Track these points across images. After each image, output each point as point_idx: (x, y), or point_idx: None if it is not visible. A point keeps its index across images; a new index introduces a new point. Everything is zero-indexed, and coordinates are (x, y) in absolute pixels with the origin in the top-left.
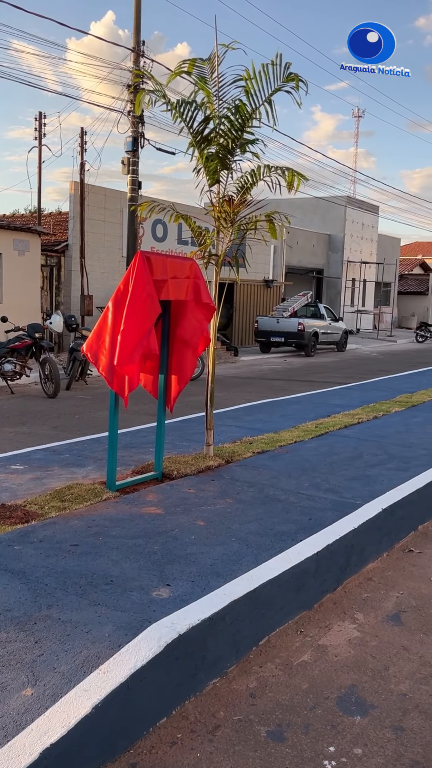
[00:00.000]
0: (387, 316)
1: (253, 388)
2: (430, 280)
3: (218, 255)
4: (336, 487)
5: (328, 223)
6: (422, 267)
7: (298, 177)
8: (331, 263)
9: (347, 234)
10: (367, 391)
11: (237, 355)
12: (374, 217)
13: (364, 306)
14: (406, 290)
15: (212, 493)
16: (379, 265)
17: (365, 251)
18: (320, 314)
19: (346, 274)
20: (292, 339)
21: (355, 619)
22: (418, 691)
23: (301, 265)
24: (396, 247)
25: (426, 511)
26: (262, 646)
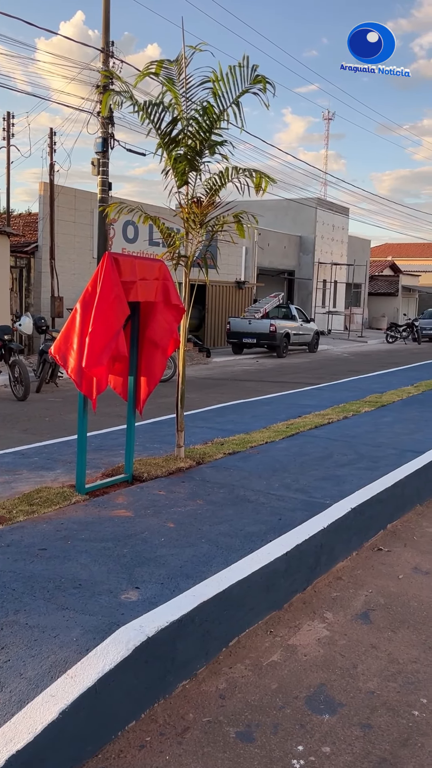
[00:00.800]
0: (358, 317)
1: (225, 390)
2: (399, 282)
3: (188, 256)
4: (306, 487)
5: (299, 224)
6: (392, 268)
7: (265, 179)
8: (303, 265)
9: (318, 235)
10: (338, 391)
11: (209, 356)
12: (344, 218)
13: (335, 307)
14: (376, 291)
15: (183, 494)
16: (350, 267)
17: (336, 253)
18: (292, 315)
19: (317, 275)
20: (264, 340)
21: (324, 618)
22: (386, 688)
23: (272, 267)
24: (366, 249)
25: (395, 510)
26: (232, 647)
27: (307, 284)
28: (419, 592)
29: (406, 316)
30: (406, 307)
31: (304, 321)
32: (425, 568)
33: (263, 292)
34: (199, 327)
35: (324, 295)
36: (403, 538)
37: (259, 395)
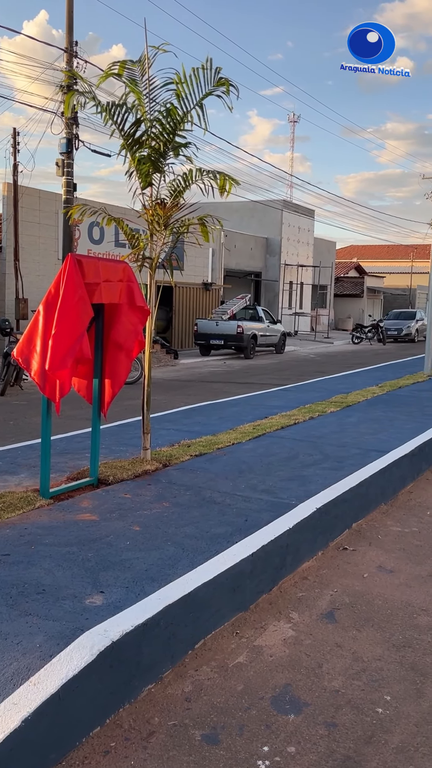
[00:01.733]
0: (324, 318)
1: (192, 391)
2: (365, 283)
3: (152, 258)
4: (272, 487)
5: (265, 226)
6: (357, 270)
7: (229, 181)
8: (269, 266)
9: (284, 237)
10: (304, 392)
11: (177, 358)
12: (310, 220)
13: (302, 308)
14: (342, 293)
15: (149, 497)
16: (316, 268)
17: (302, 254)
18: (259, 317)
19: (283, 276)
20: (232, 341)
21: (290, 618)
22: (351, 686)
23: (239, 268)
24: (332, 251)
25: (359, 509)
26: (198, 650)
27: (273, 286)
28: (384, 591)
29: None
30: (372, 308)
31: (271, 322)
32: (390, 566)
33: (230, 293)
34: (166, 328)
35: (290, 297)
36: (368, 537)
37: (227, 396)
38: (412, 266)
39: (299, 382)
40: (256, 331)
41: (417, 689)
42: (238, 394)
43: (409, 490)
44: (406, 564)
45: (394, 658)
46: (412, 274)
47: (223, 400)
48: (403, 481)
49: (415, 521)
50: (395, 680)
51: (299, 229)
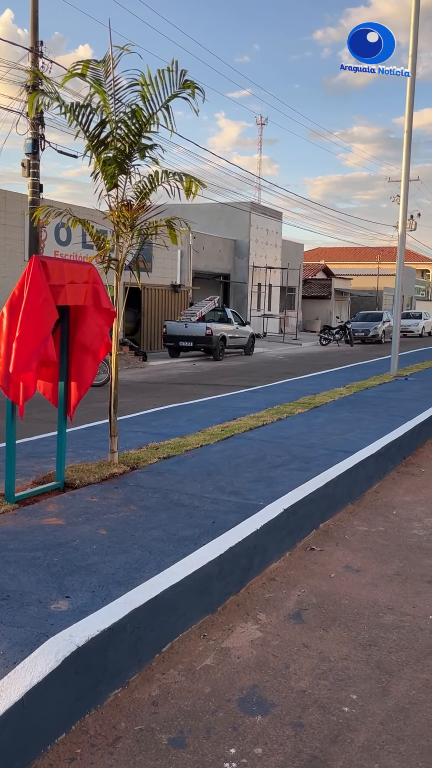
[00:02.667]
0: (292, 320)
1: (161, 393)
2: (332, 285)
3: (118, 260)
4: (240, 489)
5: (233, 228)
6: (325, 272)
7: (195, 183)
8: (238, 268)
9: (252, 239)
10: (273, 393)
11: (146, 360)
12: (278, 223)
13: (270, 310)
14: (310, 294)
15: (116, 500)
16: (284, 270)
17: (270, 256)
18: (228, 319)
19: (252, 278)
20: (201, 343)
21: (257, 619)
22: (317, 686)
23: (208, 270)
24: (299, 253)
25: (327, 509)
26: (165, 653)
27: (242, 287)
28: (350, 590)
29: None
30: (339, 310)
31: (240, 324)
32: (356, 566)
33: (199, 295)
34: (135, 330)
35: (259, 299)
36: (335, 537)
37: (195, 398)
38: (378, 268)
39: (268, 384)
40: (225, 333)
41: (382, 687)
42: (207, 396)
43: (375, 490)
44: (373, 563)
45: (360, 657)
46: (379, 276)
47: (192, 402)
48: (370, 481)
49: (382, 521)
50: (361, 679)
51: (267, 231)
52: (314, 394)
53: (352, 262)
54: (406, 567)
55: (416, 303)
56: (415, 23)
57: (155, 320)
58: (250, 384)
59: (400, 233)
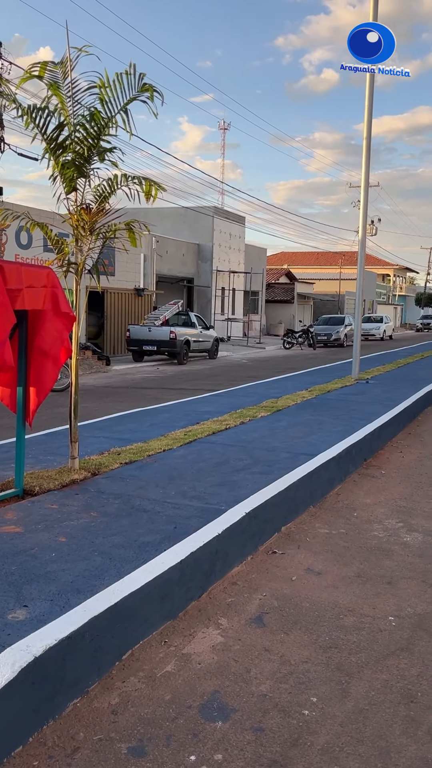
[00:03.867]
0: (256, 324)
1: (124, 398)
2: (295, 289)
3: (77, 264)
4: (202, 493)
5: (196, 232)
6: (288, 276)
7: (155, 187)
8: (201, 272)
9: (216, 244)
10: (236, 397)
11: (109, 364)
12: (241, 227)
13: (234, 314)
14: (273, 299)
15: (76, 507)
16: (247, 275)
17: (233, 261)
18: (191, 322)
19: (215, 282)
20: (165, 347)
21: (219, 624)
22: (278, 690)
23: (171, 274)
24: (263, 257)
25: (288, 512)
26: (126, 661)
27: (206, 291)
28: (311, 593)
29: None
30: (302, 314)
31: (204, 328)
32: (317, 568)
33: (163, 299)
34: (98, 334)
35: (223, 303)
36: (296, 539)
37: (159, 403)
38: (340, 273)
39: (231, 387)
40: (189, 337)
41: (342, 689)
42: (171, 400)
43: (336, 492)
44: (334, 565)
45: (321, 659)
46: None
47: (156, 407)
48: (331, 483)
49: (343, 522)
50: (321, 681)
51: (230, 235)
52: (277, 397)
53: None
54: (366, 568)
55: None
56: None
57: (119, 324)
58: (214, 388)
59: (360, 238)
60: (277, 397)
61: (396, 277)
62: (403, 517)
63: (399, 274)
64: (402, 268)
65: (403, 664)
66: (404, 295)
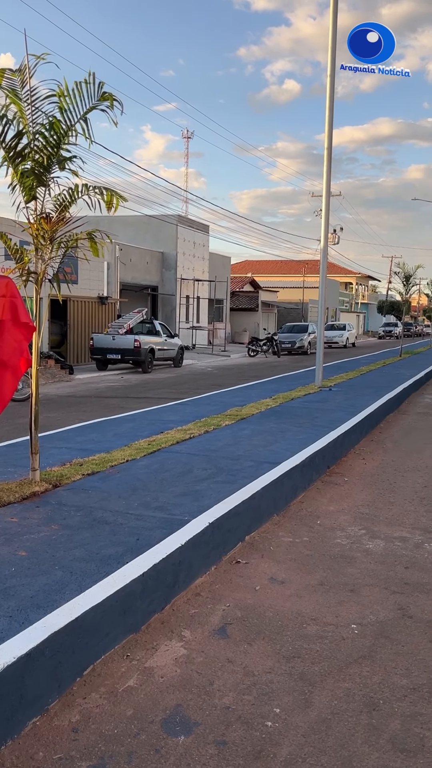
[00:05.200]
0: (221, 332)
1: (87, 407)
2: (259, 297)
3: (38, 273)
4: (165, 504)
5: (160, 241)
6: (252, 284)
7: (116, 196)
8: (165, 280)
9: (180, 252)
10: (201, 405)
11: (72, 373)
12: (205, 236)
13: (199, 322)
14: (237, 307)
15: (36, 520)
16: (212, 283)
17: (198, 269)
18: (156, 331)
19: (180, 291)
20: (129, 356)
21: (182, 636)
22: (241, 701)
23: (135, 282)
24: (227, 266)
25: (252, 521)
26: (87, 676)
27: (170, 300)
28: (275, 602)
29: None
30: (266, 322)
31: (169, 336)
32: (281, 577)
33: (127, 307)
34: (61, 343)
35: (187, 311)
36: (260, 549)
37: (123, 412)
38: (304, 281)
39: (196, 396)
40: (153, 345)
41: (305, 699)
42: (135, 410)
43: (300, 500)
44: (297, 574)
45: (284, 669)
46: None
47: (119, 416)
48: (295, 491)
49: (306, 531)
50: (284, 692)
51: (194, 244)
52: (241, 405)
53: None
54: (329, 576)
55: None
56: (333, 44)
57: (82, 333)
58: (178, 396)
59: (322, 247)
60: (242, 406)
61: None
62: (366, 524)
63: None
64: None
65: (365, 671)
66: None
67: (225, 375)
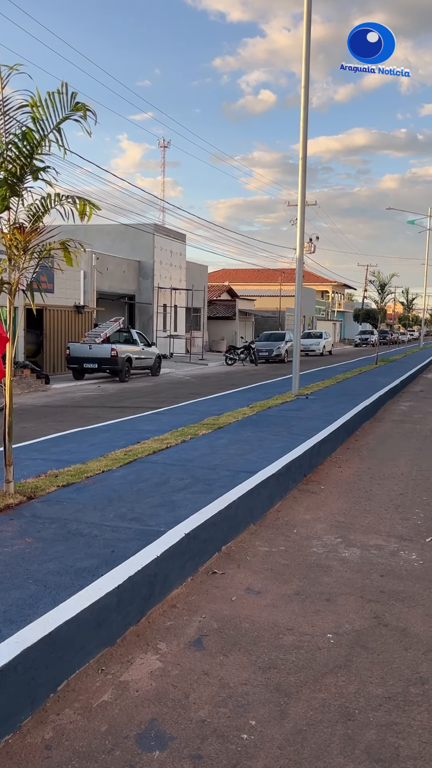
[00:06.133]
0: (198, 341)
1: (64, 417)
2: (236, 306)
3: (11, 283)
4: (141, 515)
5: (137, 250)
6: (229, 293)
7: (89, 206)
8: (142, 289)
9: (156, 261)
10: (178, 415)
11: (48, 382)
12: (182, 245)
13: (176, 331)
14: (215, 315)
15: (10, 533)
16: (189, 292)
17: (175, 278)
18: (133, 340)
19: (157, 299)
20: (106, 365)
21: (157, 649)
22: (217, 714)
23: (112, 291)
24: (204, 274)
25: (229, 531)
26: (61, 692)
27: (147, 308)
28: (251, 613)
29: (244, 338)
30: (244, 330)
31: (146, 345)
32: (257, 587)
33: (104, 316)
34: (37, 352)
35: (165, 319)
36: (236, 559)
37: (99, 422)
38: (280, 289)
39: (173, 405)
40: (130, 354)
41: (281, 711)
42: (112, 419)
43: (277, 509)
44: (273, 584)
45: (260, 680)
46: (281, 297)
47: (96, 426)
48: (271, 500)
49: (282, 540)
50: (260, 703)
51: (171, 252)
52: (218, 414)
53: (256, 283)
54: (305, 586)
55: (317, 323)
56: (307, 55)
57: (58, 342)
58: (156, 405)
59: (297, 256)
60: (219, 414)
61: (335, 294)
62: (342, 532)
63: (338, 291)
64: (340, 285)
65: (341, 681)
66: (343, 311)
67: (202, 384)
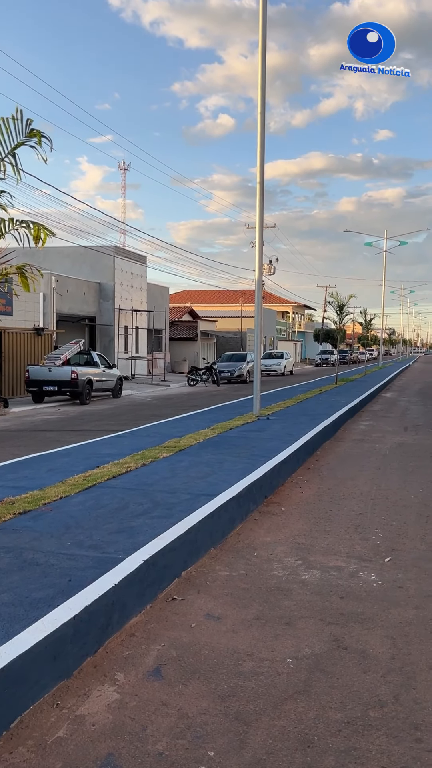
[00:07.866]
0: (160, 362)
1: (22, 442)
2: (198, 327)
3: None
4: (99, 542)
5: (97, 271)
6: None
7: (44, 231)
8: (103, 311)
9: (117, 282)
10: (139, 437)
11: (7, 406)
12: (142, 266)
13: (138, 352)
14: (177, 336)
15: None
16: (150, 313)
17: (136, 299)
18: (94, 362)
19: (118, 321)
20: (66, 387)
21: (115, 680)
22: (175, 746)
23: (72, 313)
24: (165, 296)
25: (189, 556)
26: (14, 729)
27: (108, 330)
28: (210, 639)
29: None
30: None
31: (107, 367)
32: (217, 613)
33: (64, 338)
34: None
35: (126, 341)
36: (196, 584)
37: (59, 446)
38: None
39: (135, 428)
40: (91, 377)
41: (240, 740)
42: (71, 443)
43: (237, 532)
44: (233, 609)
45: (219, 709)
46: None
47: (55, 451)
48: (232, 523)
49: (243, 563)
50: (219, 733)
51: (132, 274)
52: (180, 436)
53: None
54: (265, 610)
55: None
56: (262, 82)
57: (17, 364)
58: (117, 428)
59: (256, 278)
60: (180, 437)
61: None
62: (302, 554)
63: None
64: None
65: (300, 707)
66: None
67: (164, 405)
